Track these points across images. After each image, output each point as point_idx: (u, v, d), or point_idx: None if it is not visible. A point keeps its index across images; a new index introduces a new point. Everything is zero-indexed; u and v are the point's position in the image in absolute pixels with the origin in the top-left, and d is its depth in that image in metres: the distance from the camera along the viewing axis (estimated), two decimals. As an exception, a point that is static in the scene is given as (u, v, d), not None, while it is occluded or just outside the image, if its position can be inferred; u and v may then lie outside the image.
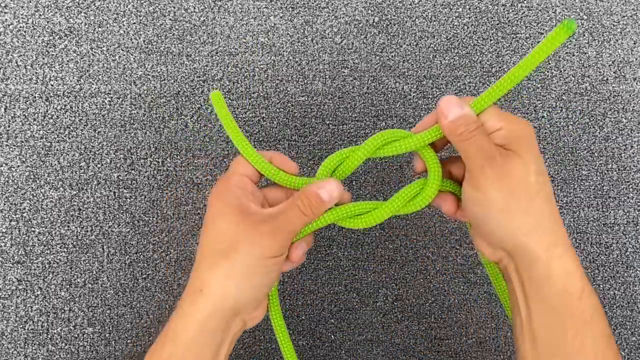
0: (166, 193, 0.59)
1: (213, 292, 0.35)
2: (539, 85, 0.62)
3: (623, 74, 0.63)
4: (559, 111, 0.62)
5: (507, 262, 0.36)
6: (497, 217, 0.34)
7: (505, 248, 0.36)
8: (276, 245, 0.35)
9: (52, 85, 0.59)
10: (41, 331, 0.58)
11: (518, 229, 0.34)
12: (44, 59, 0.60)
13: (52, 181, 0.59)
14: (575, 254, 0.35)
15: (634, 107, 0.62)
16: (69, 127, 0.59)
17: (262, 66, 0.61)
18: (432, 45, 0.62)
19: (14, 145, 0.59)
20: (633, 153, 0.62)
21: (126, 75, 0.60)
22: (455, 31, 0.62)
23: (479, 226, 0.37)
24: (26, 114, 0.59)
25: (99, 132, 0.59)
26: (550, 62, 0.63)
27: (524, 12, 0.63)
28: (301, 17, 0.61)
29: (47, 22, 0.60)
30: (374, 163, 0.60)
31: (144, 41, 0.60)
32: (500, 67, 0.62)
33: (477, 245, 0.39)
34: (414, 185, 0.39)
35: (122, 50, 0.60)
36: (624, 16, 0.63)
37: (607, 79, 0.63)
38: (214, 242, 0.36)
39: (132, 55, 0.60)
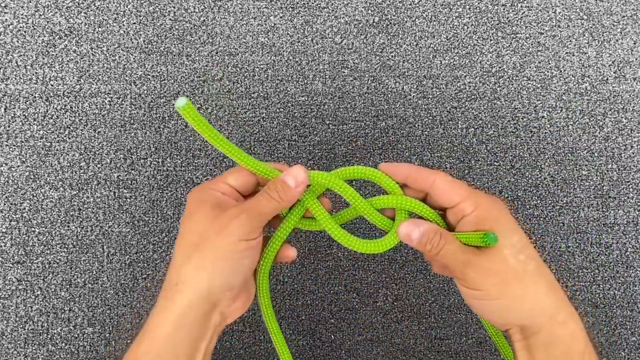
0: (166, 193, 0.59)
1: (187, 286, 0.36)
2: (539, 85, 0.62)
3: (623, 74, 0.63)
4: (559, 111, 0.62)
5: (511, 330, 0.38)
6: (495, 305, 0.36)
7: (509, 325, 0.37)
8: (244, 227, 0.36)
9: (52, 85, 0.59)
10: (41, 331, 0.58)
11: (518, 312, 0.36)
12: (44, 59, 0.60)
13: (52, 181, 0.59)
14: (577, 316, 0.36)
15: (634, 107, 0.62)
16: (69, 127, 0.59)
17: (262, 66, 0.61)
18: (432, 45, 0.62)
19: (14, 145, 0.59)
20: (633, 153, 0.62)
21: (126, 75, 0.60)
22: (455, 31, 0.62)
23: (482, 312, 0.38)
24: (26, 114, 0.59)
25: (99, 132, 0.59)
26: (550, 62, 0.63)
27: (524, 12, 0.63)
28: (301, 17, 0.61)
29: (47, 22, 0.60)
30: (374, 164, 0.60)
31: (144, 41, 0.60)
32: (500, 67, 0.62)
33: (483, 318, 0.41)
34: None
35: (122, 50, 0.60)
36: (624, 16, 0.63)
37: (607, 79, 0.63)
38: (187, 237, 0.37)
39: (132, 55, 0.60)
